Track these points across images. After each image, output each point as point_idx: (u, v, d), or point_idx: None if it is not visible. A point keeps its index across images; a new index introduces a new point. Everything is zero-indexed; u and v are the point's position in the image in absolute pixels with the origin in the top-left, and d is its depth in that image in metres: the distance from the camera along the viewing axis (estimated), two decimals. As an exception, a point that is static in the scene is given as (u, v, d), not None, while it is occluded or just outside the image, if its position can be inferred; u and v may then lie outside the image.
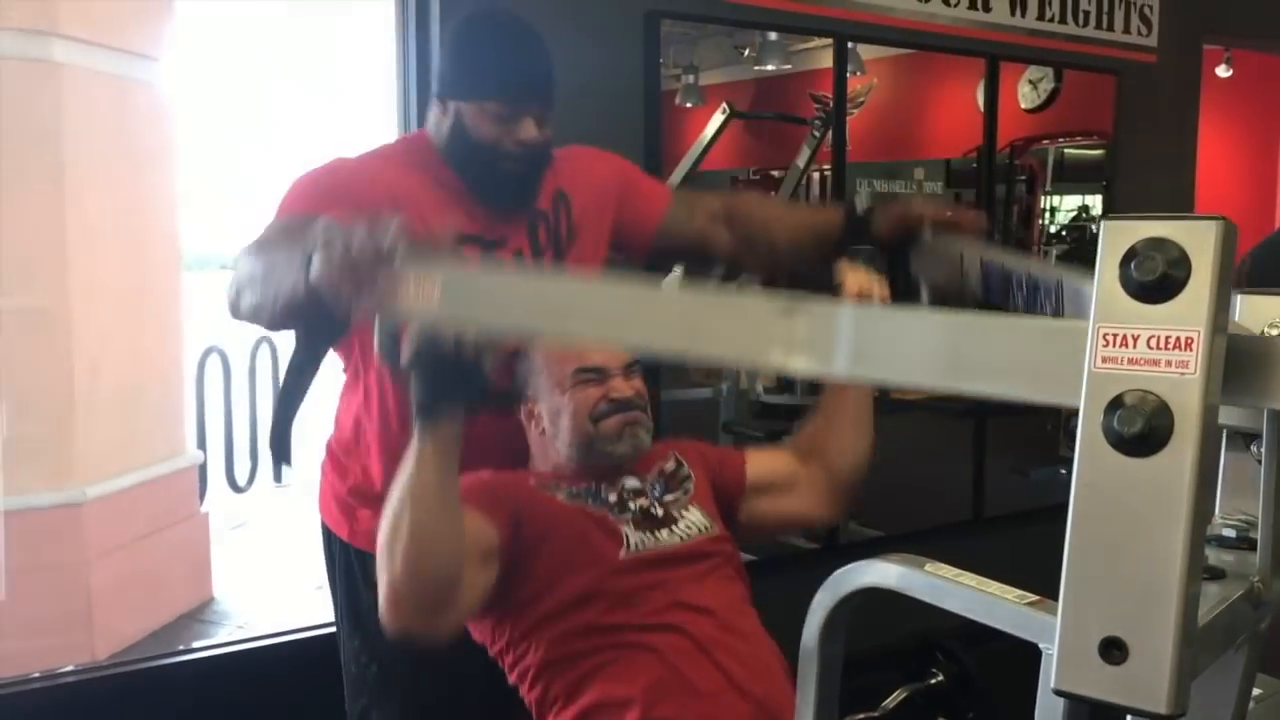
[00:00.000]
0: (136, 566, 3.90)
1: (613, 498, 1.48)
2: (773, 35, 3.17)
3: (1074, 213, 4.76)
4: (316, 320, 1.10)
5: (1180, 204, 3.71)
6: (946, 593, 0.89)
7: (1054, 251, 4.40)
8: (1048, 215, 4.32)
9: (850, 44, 2.94)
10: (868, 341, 0.72)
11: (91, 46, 3.68)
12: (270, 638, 2.44)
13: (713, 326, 0.80)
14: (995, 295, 1.39)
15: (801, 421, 1.71)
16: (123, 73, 3.87)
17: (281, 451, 1.19)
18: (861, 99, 3.24)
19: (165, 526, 4.13)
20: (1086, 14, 3.27)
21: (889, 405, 2.73)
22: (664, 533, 1.46)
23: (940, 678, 2.53)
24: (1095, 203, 4.48)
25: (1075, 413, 0.61)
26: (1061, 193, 4.33)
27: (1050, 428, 3.49)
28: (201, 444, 5.04)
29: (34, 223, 3.60)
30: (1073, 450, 0.60)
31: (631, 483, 1.51)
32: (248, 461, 5.60)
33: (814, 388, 1.95)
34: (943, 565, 0.92)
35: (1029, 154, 3.98)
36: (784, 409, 3.23)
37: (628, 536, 1.43)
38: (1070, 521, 0.59)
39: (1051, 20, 3.19)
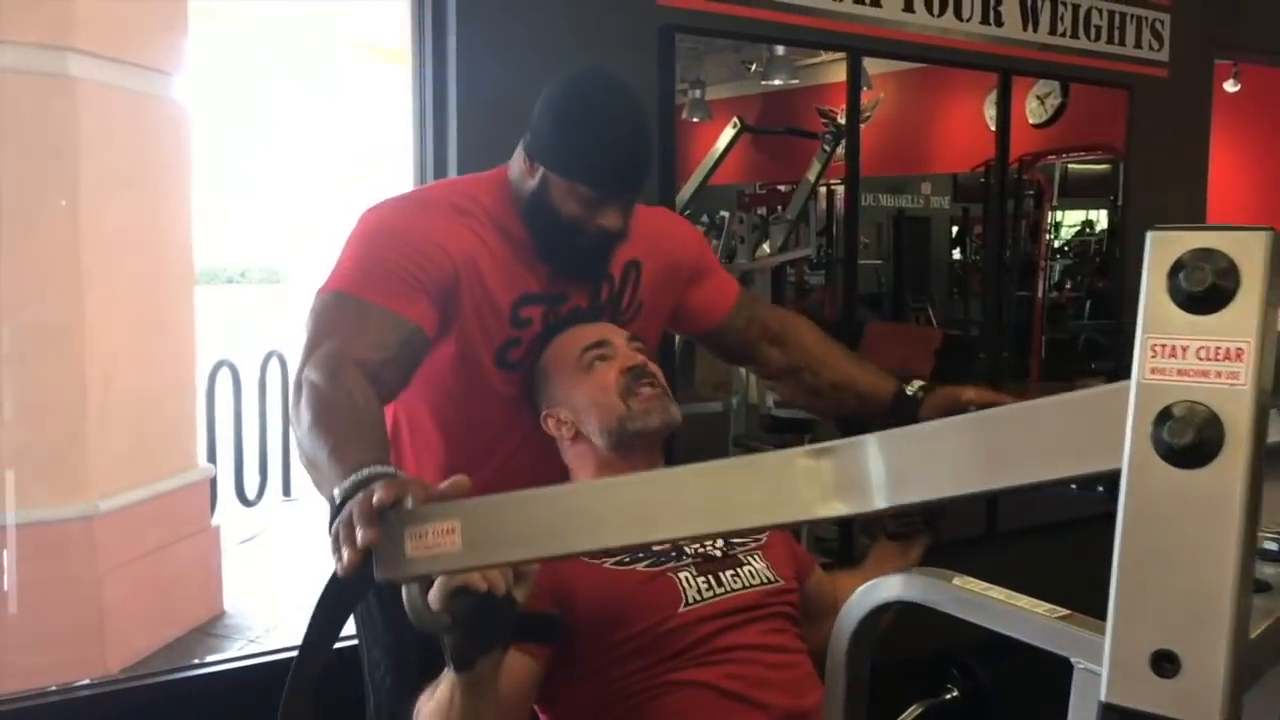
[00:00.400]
0: (148, 580, 3.89)
1: (667, 544, 1.41)
2: (780, 50, 3.17)
3: (1077, 227, 4.76)
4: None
5: (1193, 218, 3.70)
6: (975, 607, 0.88)
7: (1058, 265, 4.40)
8: (1052, 230, 4.32)
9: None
10: (901, 466, 0.71)
11: (107, 61, 3.69)
12: (282, 652, 2.44)
13: (745, 497, 0.79)
14: None
15: (813, 438, 1.69)
16: (138, 87, 3.88)
17: None
18: (868, 113, 3.25)
19: (177, 540, 4.13)
20: (1098, 28, 3.28)
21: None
22: (726, 575, 1.41)
23: (955, 694, 2.51)
24: (1098, 217, 4.48)
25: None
26: (1066, 208, 4.33)
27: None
28: (211, 458, 5.06)
29: (48, 236, 3.61)
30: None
31: None
32: (257, 475, 5.62)
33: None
34: (971, 579, 0.92)
35: (1036, 169, 3.99)
36: (794, 423, 3.23)
37: (685, 589, 1.38)
38: (1119, 534, 0.59)
39: (1063, 34, 3.20)
